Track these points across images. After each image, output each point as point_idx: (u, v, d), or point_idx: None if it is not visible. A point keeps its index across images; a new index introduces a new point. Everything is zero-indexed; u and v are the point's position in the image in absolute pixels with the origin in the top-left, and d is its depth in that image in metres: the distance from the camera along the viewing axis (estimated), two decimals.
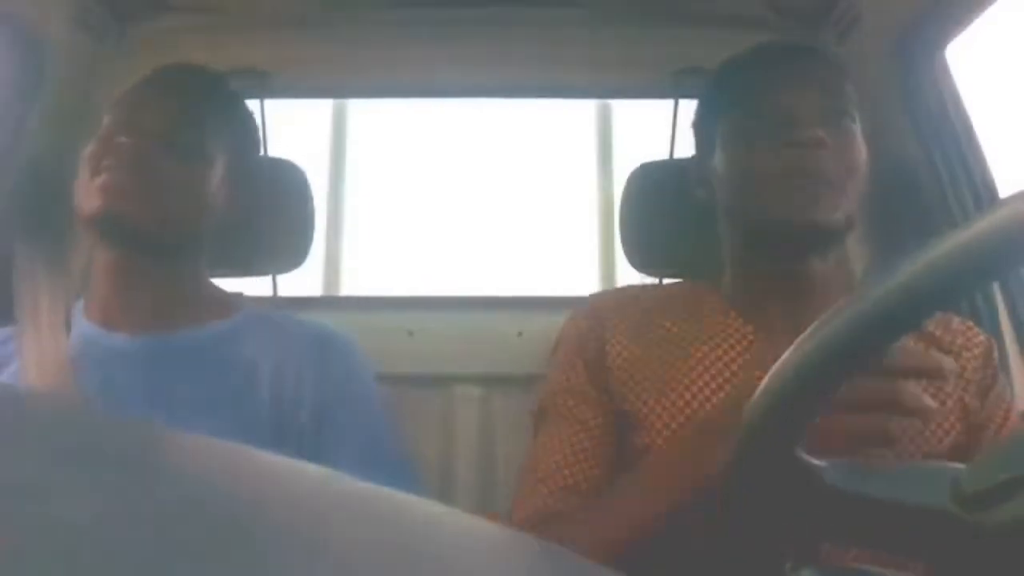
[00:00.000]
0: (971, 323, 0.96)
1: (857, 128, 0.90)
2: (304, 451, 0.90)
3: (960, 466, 0.51)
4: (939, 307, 0.49)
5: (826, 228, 0.85)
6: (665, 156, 1.30)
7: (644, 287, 1.10)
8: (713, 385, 0.88)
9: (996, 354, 0.93)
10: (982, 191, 1.15)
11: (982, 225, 0.45)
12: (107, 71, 1.25)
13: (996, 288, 1.14)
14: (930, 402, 0.64)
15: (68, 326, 0.96)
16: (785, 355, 0.52)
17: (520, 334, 1.30)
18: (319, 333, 0.98)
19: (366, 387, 0.98)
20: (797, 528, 0.57)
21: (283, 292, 1.32)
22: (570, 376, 0.94)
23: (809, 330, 0.51)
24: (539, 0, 1.29)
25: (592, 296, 1.01)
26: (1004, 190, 1.17)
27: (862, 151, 0.89)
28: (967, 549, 0.49)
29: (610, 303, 0.98)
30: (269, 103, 1.36)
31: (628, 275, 1.20)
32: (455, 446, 1.29)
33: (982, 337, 0.93)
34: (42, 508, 0.22)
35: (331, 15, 1.28)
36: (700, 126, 1.00)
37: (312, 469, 0.28)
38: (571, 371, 0.94)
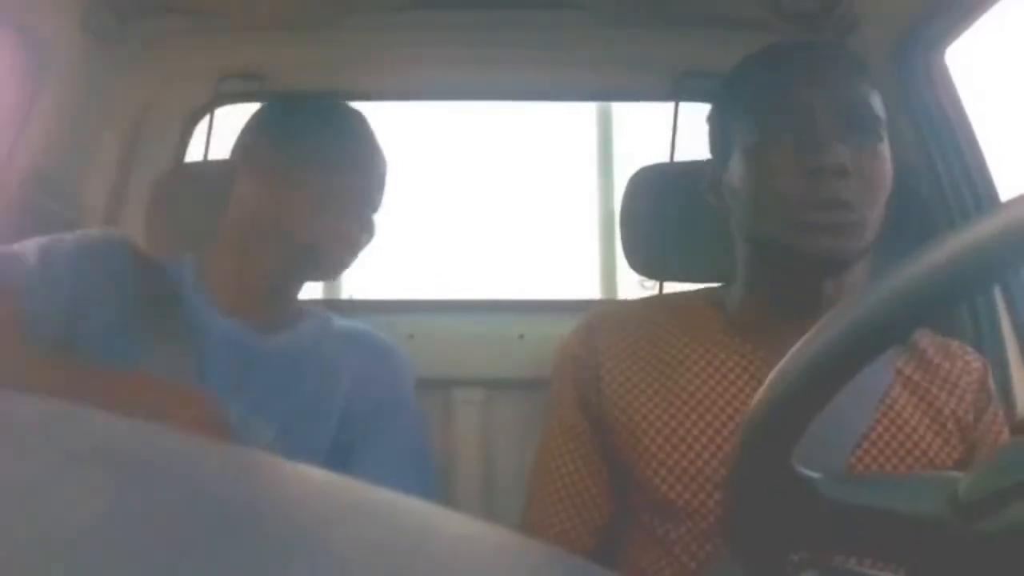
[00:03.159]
0: (968, 347, 0.95)
1: (884, 145, 0.86)
2: (356, 441, 1.01)
3: (956, 475, 0.51)
4: (935, 313, 0.48)
5: (845, 258, 0.83)
6: (665, 159, 1.30)
7: (642, 302, 1.07)
8: (714, 410, 0.87)
9: (991, 379, 0.93)
10: (982, 194, 1.15)
11: (979, 231, 0.45)
12: (107, 71, 1.25)
13: (997, 291, 1.14)
14: None
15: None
16: (779, 366, 0.52)
17: (521, 337, 1.30)
18: (381, 345, 1.09)
19: (409, 389, 1.08)
20: (795, 538, 0.57)
21: None
22: (564, 415, 0.95)
23: (803, 340, 0.51)
24: (540, 3, 1.29)
25: (588, 318, 0.99)
26: (1004, 192, 1.17)
27: (887, 171, 0.86)
28: (964, 558, 0.49)
29: (605, 325, 0.96)
30: None
31: (629, 277, 1.20)
32: (456, 449, 1.29)
33: (978, 363, 0.93)
34: (43, 508, 0.22)
35: (331, 18, 1.28)
36: (716, 128, 0.95)
37: (313, 472, 0.28)
38: (569, 408, 0.95)
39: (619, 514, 0.94)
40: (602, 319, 0.98)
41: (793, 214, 0.82)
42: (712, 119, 0.97)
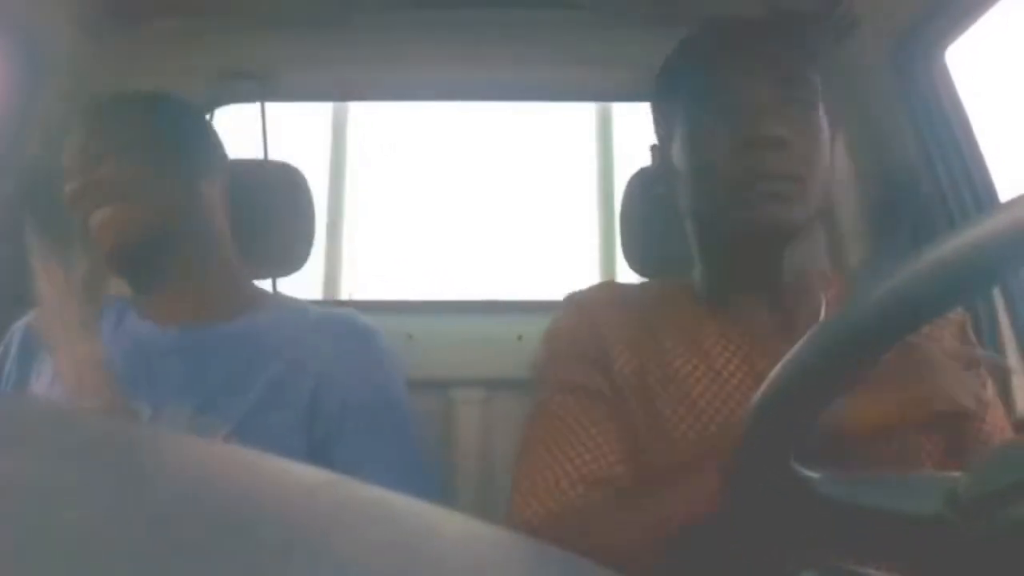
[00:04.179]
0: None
1: (819, 116, 0.86)
2: (331, 436, 0.96)
3: (956, 474, 0.51)
4: (935, 315, 0.48)
5: (788, 229, 0.83)
6: None
7: (624, 286, 1.04)
8: (696, 386, 0.86)
9: (971, 334, 0.92)
10: (982, 194, 1.15)
11: (980, 231, 0.45)
12: (107, 71, 1.25)
13: (997, 291, 1.14)
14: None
15: (95, 320, 1.02)
16: (778, 367, 0.52)
17: (520, 337, 1.30)
18: (356, 329, 1.04)
19: (391, 378, 1.03)
20: (794, 538, 0.57)
21: None
22: (579, 372, 0.89)
23: (802, 341, 0.51)
24: (540, 2, 1.29)
25: (574, 296, 0.96)
26: (1004, 192, 1.17)
27: (825, 142, 0.86)
28: (964, 558, 0.49)
29: (601, 302, 0.94)
30: (269, 106, 1.37)
31: (629, 278, 1.20)
32: (456, 450, 1.29)
33: (956, 317, 0.92)
34: (42, 508, 0.22)
35: (331, 17, 1.28)
36: (658, 114, 0.95)
37: (313, 471, 0.28)
38: (576, 369, 0.89)
39: None
40: (594, 298, 0.95)
41: (734, 188, 0.82)
42: (654, 106, 0.96)
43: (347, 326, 1.04)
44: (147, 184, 0.99)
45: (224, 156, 1.15)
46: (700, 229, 0.91)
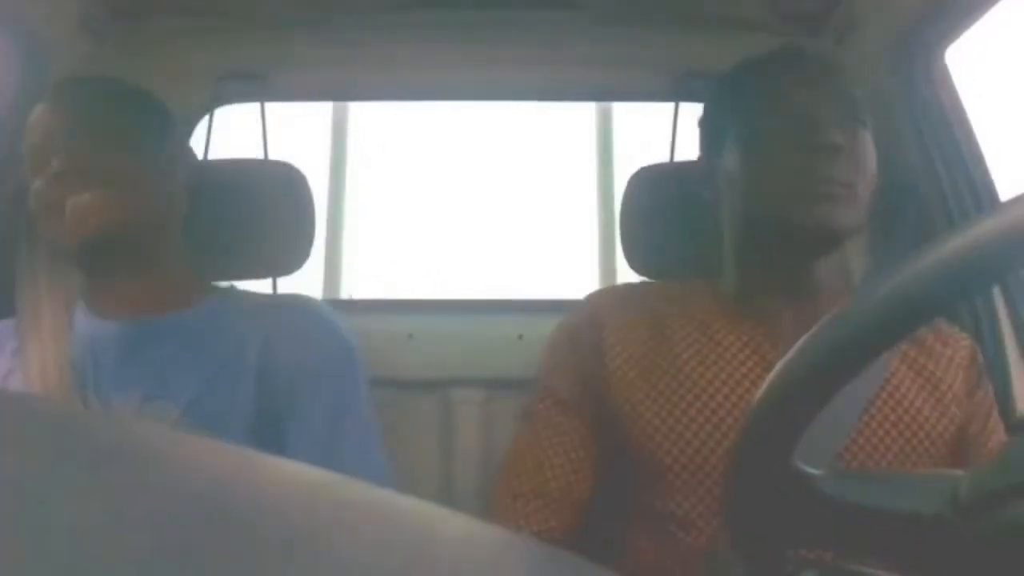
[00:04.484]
0: (956, 328, 1.00)
1: (868, 133, 0.92)
2: (280, 412, 0.96)
3: (957, 474, 0.51)
4: (935, 314, 0.48)
5: (840, 231, 0.88)
6: (665, 159, 1.30)
7: (643, 285, 1.10)
8: (714, 382, 0.89)
9: (980, 358, 0.97)
10: (982, 194, 1.15)
11: (981, 230, 0.45)
12: (107, 71, 1.25)
13: (997, 291, 1.14)
14: None
15: (69, 326, 1.02)
16: (780, 364, 0.52)
17: (520, 337, 1.30)
18: (297, 305, 1.04)
19: (340, 349, 1.02)
20: (795, 536, 0.57)
21: None
22: (562, 384, 0.96)
23: (804, 339, 0.51)
24: (540, 2, 1.29)
25: (590, 296, 1.02)
26: (1004, 192, 1.17)
27: (873, 156, 0.92)
28: (964, 558, 0.49)
29: (608, 304, 0.98)
30: (269, 106, 1.37)
31: (629, 278, 1.20)
32: (455, 450, 1.29)
33: (967, 341, 0.98)
34: (42, 508, 0.22)
35: (331, 17, 1.28)
36: (709, 126, 1.01)
37: (313, 472, 0.28)
38: (564, 379, 0.96)
39: (621, 501, 0.94)
40: (603, 300, 1.00)
41: (794, 188, 0.88)
42: (706, 118, 1.01)
43: (293, 304, 1.05)
44: (123, 174, 0.98)
45: (190, 152, 1.15)
46: (748, 230, 0.95)
